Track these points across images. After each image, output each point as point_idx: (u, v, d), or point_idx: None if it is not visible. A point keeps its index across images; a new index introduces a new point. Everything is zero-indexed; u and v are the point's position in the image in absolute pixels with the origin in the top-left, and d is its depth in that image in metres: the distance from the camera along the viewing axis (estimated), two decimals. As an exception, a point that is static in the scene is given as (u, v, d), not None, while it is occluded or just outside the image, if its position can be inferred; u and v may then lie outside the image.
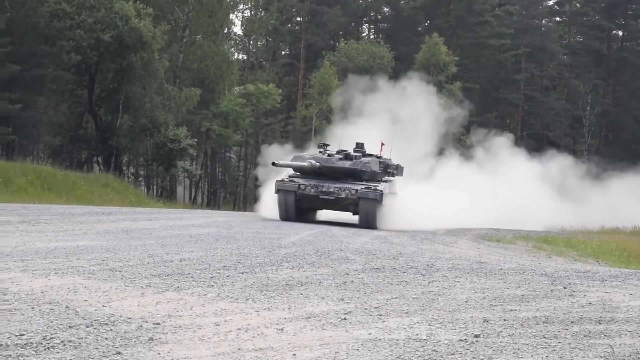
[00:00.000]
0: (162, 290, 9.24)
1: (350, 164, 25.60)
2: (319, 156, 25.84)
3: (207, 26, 54.49)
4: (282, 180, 25.59)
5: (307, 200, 25.12)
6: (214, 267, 11.62)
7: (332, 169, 25.50)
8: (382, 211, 24.98)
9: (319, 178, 25.38)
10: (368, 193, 24.43)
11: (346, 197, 24.65)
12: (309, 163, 25.27)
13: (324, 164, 25.44)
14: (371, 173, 25.71)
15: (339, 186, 24.87)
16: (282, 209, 25.49)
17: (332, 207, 25.41)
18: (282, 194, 25.39)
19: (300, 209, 25.57)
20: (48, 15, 42.38)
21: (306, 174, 25.58)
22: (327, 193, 24.83)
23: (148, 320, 7.45)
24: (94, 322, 7.17)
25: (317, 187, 24.97)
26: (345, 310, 8.67)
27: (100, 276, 9.96)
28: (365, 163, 25.70)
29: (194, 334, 7.04)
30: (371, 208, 24.46)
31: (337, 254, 14.63)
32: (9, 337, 6.40)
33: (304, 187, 25.00)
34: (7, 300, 7.95)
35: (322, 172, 25.44)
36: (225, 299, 8.95)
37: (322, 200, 24.96)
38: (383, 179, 26.36)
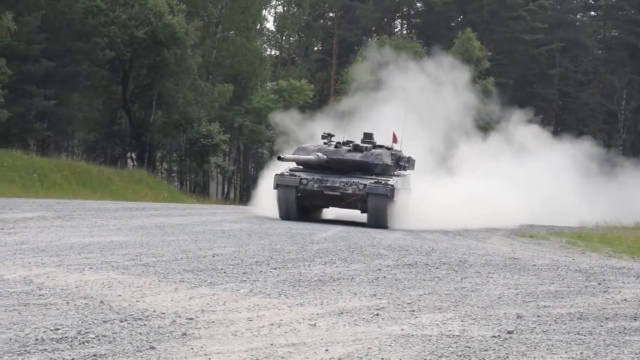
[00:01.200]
0: (195, 285, 9.28)
1: (361, 156, 23.14)
2: (325, 148, 23.44)
3: (239, 22, 54.61)
4: (281, 174, 23.03)
5: (309, 196, 22.70)
6: (247, 262, 11.65)
7: (340, 162, 23.08)
8: (394, 209, 22.55)
9: (324, 172, 22.94)
10: (378, 188, 22.02)
11: (353, 193, 22.31)
12: (316, 156, 22.89)
13: (331, 157, 23.05)
14: (383, 166, 23.38)
15: (345, 181, 22.48)
16: (281, 207, 22.98)
17: (338, 204, 23.08)
18: (282, 189, 22.83)
19: (302, 206, 23.05)
20: (83, 12, 42.68)
21: (311, 167, 23.18)
22: (332, 188, 22.45)
23: (181, 315, 7.49)
24: (128, 317, 7.22)
25: (321, 182, 22.52)
26: (377, 306, 8.66)
27: (134, 271, 10.02)
28: (377, 155, 23.26)
29: (226, 329, 7.07)
30: (381, 205, 22.04)
31: (369, 250, 14.62)
32: (44, 331, 6.46)
33: (306, 182, 22.57)
34: (43, 295, 8.02)
35: (329, 166, 23.04)
36: (257, 294, 8.98)
37: (326, 197, 22.59)
38: (395, 173, 23.78)
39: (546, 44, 73.52)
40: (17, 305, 7.44)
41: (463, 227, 23.97)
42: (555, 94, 74.62)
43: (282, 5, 71.49)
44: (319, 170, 22.94)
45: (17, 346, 5.94)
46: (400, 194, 22.84)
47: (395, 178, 22.86)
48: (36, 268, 9.80)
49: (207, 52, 51.30)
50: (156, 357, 6.00)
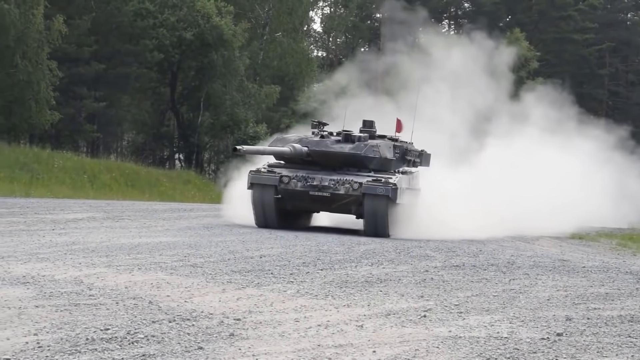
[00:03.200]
0: (242, 286, 9.32)
1: (351, 147, 18.72)
2: (308, 138, 19.07)
3: (287, 24, 54.74)
4: (257, 170, 18.70)
5: (292, 198, 18.37)
6: (294, 263, 11.68)
7: (325, 154, 18.68)
8: (397, 213, 18.54)
9: (311, 168, 18.72)
10: (376, 187, 17.94)
11: (346, 194, 18.14)
12: (291, 148, 18.50)
13: (313, 148, 18.67)
14: (381, 160, 18.92)
15: (336, 179, 18.25)
16: (257, 211, 18.57)
17: (327, 208, 18.90)
18: (258, 190, 18.41)
19: (283, 210, 18.64)
20: (132, 15, 43.09)
21: (293, 162, 18.95)
22: (319, 188, 18.17)
23: (229, 315, 7.52)
24: (177, 318, 7.27)
25: (306, 180, 18.26)
26: (425, 308, 8.64)
27: (182, 272, 10.09)
28: (371, 147, 18.82)
29: (274, 330, 7.09)
30: (380, 208, 17.98)
31: (416, 251, 14.58)
32: (94, 331, 6.53)
33: (287, 180, 18.29)
34: (93, 295, 8.11)
35: (312, 161, 18.80)
36: (304, 295, 8.99)
37: (312, 198, 18.33)
38: (399, 170, 19.46)
39: (596, 44, 72.73)
40: (68, 305, 7.53)
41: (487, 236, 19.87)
42: (605, 94, 73.79)
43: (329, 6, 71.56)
44: (305, 166, 18.80)
45: (68, 346, 6.02)
46: (405, 195, 18.94)
47: (399, 175, 18.81)
48: (86, 268, 9.91)
49: (254, 54, 51.51)
50: (204, 358, 6.03)
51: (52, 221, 16.64)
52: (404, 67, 29.33)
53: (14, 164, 31.85)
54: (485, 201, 21.67)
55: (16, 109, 36.96)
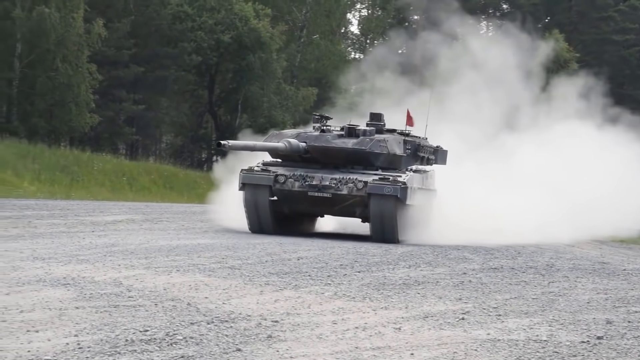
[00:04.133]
0: (280, 288, 9.34)
1: (355, 143, 16.97)
2: (306, 133, 17.37)
3: (324, 26, 54.80)
4: (249, 169, 16.86)
5: (289, 200, 16.62)
6: (331, 265, 11.69)
7: (325, 151, 16.98)
8: (407, 215, 16.84)
9: (310, 166, 17.02)
10: (383, 187, 16.18)
11: (349, 194, 16.39)
12: (286, 143, 16.75)
13: (312, 144, 16.95)
14: (389, 157, 17.21)
15: (338, 177, 16.55)
16: (251, 215, 16.83)
17: (329, 210, 17.11)
18: (250, 190, 16.66)
19: (279, 214, 16.91)
20: (170, 18, 43.38)
21: (291, 160, 17.24)
22: (319, 188, 16.45)
23: (267, 317, 7.54)
24: (215, 319, 7.30)
25: (305, 179, 16.56)
26: (463, 310, 8.60)
27: (220, 274, 10.13)
28: (378, 141, 17.08)
29: (311, 332, 7.09)
30: (388, 210, 16.23)
31: (454, 253, 14.52)
32: (134, 332, 6.57)
33: (283, 180, 16.56)
34: (132, 297, 8.17)
35: (311, 158, 17.07)
36: (342, 297, 8.99)
37: (311, 200, 16.54)
38: (410, 168, 17.79)
39: (637, 45, 72.00)
40: (108, 307, 7.59)
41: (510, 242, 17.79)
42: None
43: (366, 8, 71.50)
44: (304, 164, 17.11)
45: (108, 347, 6.06)
46: (416, 196, 17.21)
47: (409, 174, 17.06)
48: (125, 270, 9.98)
49: (291, 56, 51.60)
50: (242, 358, 6.05)
51: (91, 223, 16.78)
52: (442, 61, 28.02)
53: (54, 166, 32.17)
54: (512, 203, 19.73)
55: (57, 112, 37.37)
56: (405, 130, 18.29)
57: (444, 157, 19.64)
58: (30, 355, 5.70)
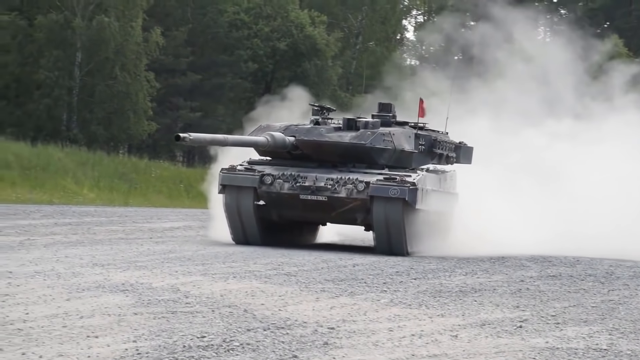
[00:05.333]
0: (336, 295, 9.34)
1: (353, 137, 14.70)
2: (297, 126, 15.11)
3: (379, 32, 54.76)
4: (230, 169, 14.67)
5: (277, 204, 14.44)
6: (387, 272, 11.66)
7: (318, 146, 14.76)
8: (418, 222, 14.59)
9: (304, 165, 14.80)
10: (389, 188, 13.95)
11: (348, 197, 14.14)
12: (267, 137, 14.47)
13: (302, 138, 14.75)
14: (395, 153, 14.92)
15: (335, 178, 14.30)
16: (233, 222, 14.69)
17: (325, 216, 14.88)
18: (232, 193, 14.52)
19: (267, 221, 14.75)
20: (227, 26, 43.69)
21: (281, 158, 15.00)
22: (312, 190, 14.19)
23: (323, 324, 7.54)
24: (271, 326, 7.31)
25: (296, 180, 14.33)
26: (520, 318, 8.52)
27: (276, 280, 10.16)
28: (380, 135, 14.74)
29: (368, 339, 7.07)
30: (394, 216, 14.03)
31: (511, 261, 14.39)
32: (191, 338, 6.61)
33: (270, 181, 14.32)
34: (190, 303, 8.23)
35: (302, 155, 14.91)
36: (398, 304, 8.96)
37: (304, 204, 14.30)
38: (423, 167, 15.56)
39: (697, 49, 70.82)
40: (166, 313, 7.65)
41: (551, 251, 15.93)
42: None
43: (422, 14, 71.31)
44: (297, 163, 14.88)
45: (166, 353, 6.11)
46: (430, 199, 14.94)
47: (421, 173, 14.92)
48: (183, 276, 10.06)
49: (347, 63, 51.64)
50: (298, 366, 6.07)
51: (149, 230, 16.95)
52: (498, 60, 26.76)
53: (113, 173, 32.59)
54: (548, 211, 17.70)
55: (115, 120, 37.87)
56: (418, 123, 15.87)
57: (468, 155, 16.93)
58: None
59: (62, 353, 5.93)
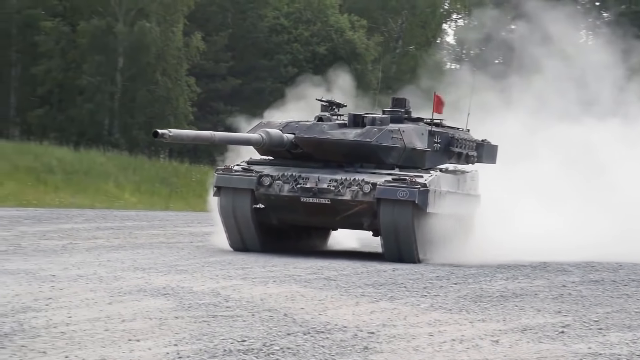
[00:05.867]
0: (376, 299, 9.33)
1: (358, 134, 13.66)
2: (298, 122, 14.06)
3: (419, 36, 54.64)
4: (226, 169, 13.85)
5: (277, 208, 13.50)
6: (427, 277, 11.61)
7: (319, 144, 13.76)
8: (430, 227, 13.49)
9: (308, 165, 13.78)
10: (396, 190, 12.92)
11: (353, 200, 13.14)
12: (262, 135, 13.50)
13: (302, 135, 13.75)
14: (405, 152, 13.85)
15: (339, 179, 13.27)
16: (229, 227, 13.75)
17: (329, 221, 13.85)
18: (227, 196, 13.62)
19: (266, 226, 13.83)
20: (267, 30, 43.83)
21: (283, 158, 14.02)
22: (314, 192, 13.18)
23: (363, 329, 7.53)
24: (311, 330, 7.32)
25: (297, 181, 13.33)
26: (562, 323, 8.45)
27: (316, 285, 10.17)
28: (388, 132, 13.68)
29: (408, 344, 7.06)
30: (403, 220, 13.03)
31: (552, 265, 14.26)
32: (232, 342, 6.64)
33: (268, 182, 13.36)
34: (230, 307, 8.26)
35: (304, 154, 13.90)
36: (438, 309, 8.92)
37: (306, 208, 13.29)
38: (438, 166, 14.42)
39: None
40: (206, 317, 7.69)
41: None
42: None
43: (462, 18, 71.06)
44: (299, 163, 13.85)
45: (207, 356, 6.13)
46: (445, 202, 13.87)
47: (435, 173, 13.77)
48: (223, 280, 10.10)
49: (386, 67, 51.59)
50: (339, 370, 6.07)
51: (190, 234, 17.05)
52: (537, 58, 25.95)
53: (154, 178, 32.81)
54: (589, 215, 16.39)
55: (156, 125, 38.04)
56: (435, 119, 14.67)
57: (492, 154, 15.70)
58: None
59: (105, 356, 5.98)
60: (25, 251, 12.72)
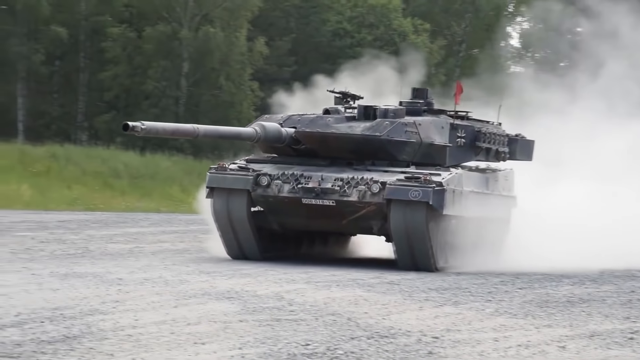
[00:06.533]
0: (440, 304, 9.27)
1: (366, 127, 12.21)
2: (302, 116, 12.66)
3: (484, 40, 54.24)
4: (219, 168, 12.45)
5: (276, 210, 12.17)
6: (491, 281, 11.51)
7: (323, 139, 12.33)
8: (449, 231, 12.22)
9: (312, 163, 12.34)
10: (408, 190, 11.47)
11: (360, 201, 11.74)
12: (256, 129, 12.16)
13: (303, 129, 12.33)
14: (421, 148, 12.41)
15: (345, 177, 11.85)
16: (225, 233, 12.45)
17: (334, 224, 12.26)
18: (221, 198, 12.26)
19: (266, 231, 12.53)
20: (330, 35, 43.88)
21: (287, 155, 12.62)
22: (317, 193, 11.79)
23: (427, 333, 7.48)
24: (375, 335, 7.29)
25: (298, 180, 11.92)
26: (631, 330, 8.30)
27: (379, 289, 10.14)
28: (401, 125, 12.22)
29: (472, 349, 6.99)
30: (415, 224, 11.62)
31: (620, 271, 14.03)
32: (295, 346, 6.65)
33: (266, 182, 11.97)
34: (294, 311, 8.27)
35: (308, 150, 12.47)
36: (503, 314, 8.83)
37: (308, 210, 11.92)
38: (463, 164, 13.20)
39: None
40: (270, 321, 7.71)
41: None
42: None
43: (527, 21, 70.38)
44: (304, 161, 12.42)
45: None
46: (466, 202, 12.39)
47: (454, 171, 12.32)
48: (287, 284, 10.13)
49: (450, 71, 51.32)
50: (403, 375, 6.03)
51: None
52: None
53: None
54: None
55: (220, 129, 38.40)
56: (458, 111, 13.13)
57: (527, 150, 14.14)
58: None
59: (170, 359, 6.03)
60: (93, 255, 12.92)
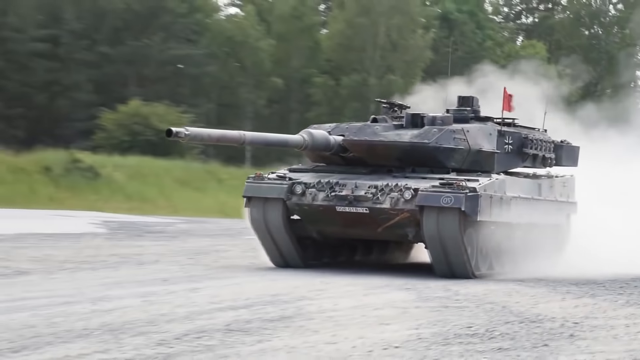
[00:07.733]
0: (579, 296, 8.97)
1: (414, 135, 10.15)
2: (349, 124, 10.57)
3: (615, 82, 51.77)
4: (257, 177, 10.32)
5: (312, 218, 10.09)
6: (623, 278, 10.93)
7: (370, 147, 10.27)
8: (486, 237, 9.97)
9: (354, 171, 10.28)
10: (440, 196, 9.40)
11: (392, 208, 9.63)
12: (304, 136, 10.10)
13: (350, 137, 10.30)
14: (469, 154, 10.30)
15: (379, 185, 9.78)
16: (265, 242, 10.41)
17: (370, 232, 10.06)
18: (258, 207, 10.21)
19: (306, 239, 10.49)
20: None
21: (334, 164, 10.54)
22: (350, 201, 9.75)
23: (568, 320, 7.25)
24: (525, 320, 7.14)
25: (332, 188, 9.88)
26: None
27: (528, 283, 9.94)
28: (449, 132, 10.14)
29: (607, 333, 6.72)
30: (448, 231, 9.51)
31: None
32: (460, 328, 6.61)
33: (301, 190, 9.96)
34: (459, 300, 8.25)
35: (355, 158, 10.38)
36: (633, 305, 8.43)
37: (342, 218, 9.86)
38: (511, 170, 11.03)
39: None
40: (440, 307, 7.69)
41: None
42: None
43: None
44: (349, 169, 10.37)
45: (441, 339, 6.13)
46: (508, 209, 10.20)
47: (494, 177, 10.16)
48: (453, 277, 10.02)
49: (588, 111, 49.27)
50: (549, 352, 5.86)
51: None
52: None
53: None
54: None
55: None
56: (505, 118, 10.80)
57: (572, 156, 11.76)
58: (383, 342, 5.89)
59: (362, 336, 6.13)
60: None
